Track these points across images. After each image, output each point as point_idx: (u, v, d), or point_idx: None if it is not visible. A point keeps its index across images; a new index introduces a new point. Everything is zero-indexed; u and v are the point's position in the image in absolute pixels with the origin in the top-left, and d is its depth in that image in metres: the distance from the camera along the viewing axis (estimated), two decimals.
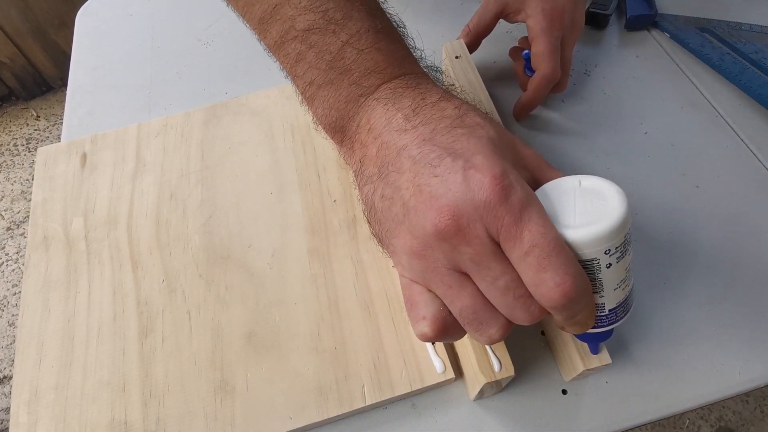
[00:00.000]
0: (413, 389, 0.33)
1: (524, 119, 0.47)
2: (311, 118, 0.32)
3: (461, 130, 0.25)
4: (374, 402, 0.33)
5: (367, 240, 0.40)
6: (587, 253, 0.23)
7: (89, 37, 0.58)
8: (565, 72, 0.44)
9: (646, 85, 0.49)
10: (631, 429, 0.34)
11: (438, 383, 0.34)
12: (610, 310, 0.26)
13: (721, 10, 0.55)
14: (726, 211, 0.41)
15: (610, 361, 0.31)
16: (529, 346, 0.36)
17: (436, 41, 0.53)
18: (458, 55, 0.44)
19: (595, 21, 0.54)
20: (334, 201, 0.42)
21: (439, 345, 0.34)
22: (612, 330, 0.28)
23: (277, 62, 0.32)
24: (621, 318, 0.27)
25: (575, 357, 0.32)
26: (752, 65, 0.48)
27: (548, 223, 0.23)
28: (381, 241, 0.28)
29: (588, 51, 0.53)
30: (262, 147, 0.45)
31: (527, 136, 0.46)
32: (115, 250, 0.41)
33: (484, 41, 0.49)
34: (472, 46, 0.48)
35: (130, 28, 0.58)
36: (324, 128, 0.32)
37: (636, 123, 0.47)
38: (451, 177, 0.23)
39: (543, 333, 0.36)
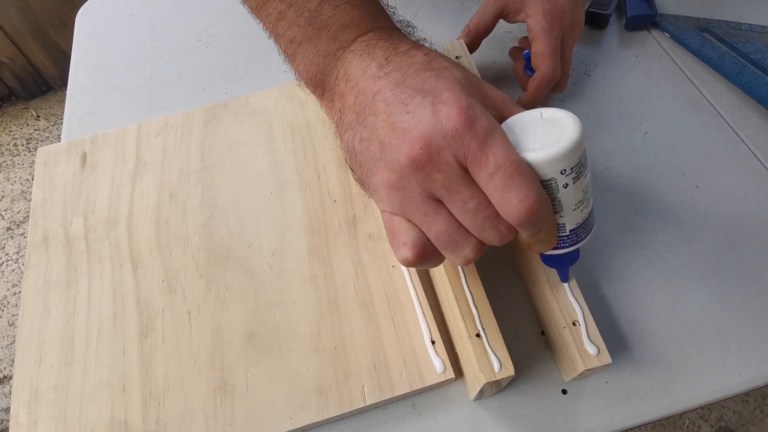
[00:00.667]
0: (413, 389, 0.33)
1: None
2: (294, 75, 0.34)
3: (430, 73, 0.27)
4: (374, 402, 0.33)
5: (367, 240, 0.40)
6: (545, 173, 0.26)
7: (89, 37, 0.58)
8: (565, 72, 0.44)
9: (646, 85, 0.49)
10: (631, 429, 0.34)
11: (438, 383, 0.34)
12: (570, 231, 0.28)
13: (721, 10, 0.55)
14: (726, 211, 0.41)
15: (610, 361, 0.31)
16: (529, 346, 0.36)
17: (435, 41, 0.53)
18: (458, 55, 0.44)
19: (595, 21, 0.54)
20: (334, 201, 0.42)
21: (439, 345, 0.34)
22: (578, 254, 0.31)
23: (260, 23, 0.34)
24: (582, 239, 0.29)
25: (575, 357, 0.32)
26: (752, 65, 0.48)
27: (510, 147, 0.25)
28: (363, 183, 0.30)
29: (588, 51, 0.53)
30: (262, 147, 0.45)
31: None
32: (115, 250, 0.41)
33: (484, 41, 0.49)
34: (472, 46, 0.48)
35: (130, 28, 0.58)
36: (306, 83, 0.34)
37: (636, 123, 0.47)
38: (421, 112, 0.26)
39: (543, 333, 0.36)
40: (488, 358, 0.31)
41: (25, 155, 1.51)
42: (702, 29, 0.53)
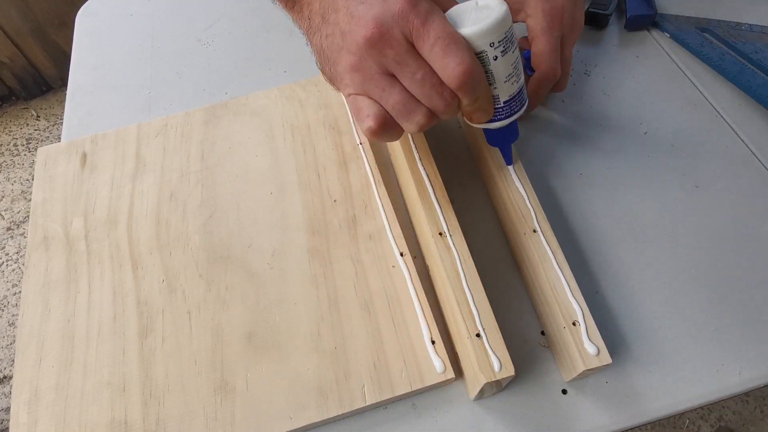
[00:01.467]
0: (413, 389, 0.33)
1: (524, 119, 0.47)
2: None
3: None
4: (374, 402, 0.33)
5: (367, 240, 0.40)
6: (477, 46, 0.30)
7: (89, 37, 0.58)
8: (565, 72, 0.44)
9: (646, 85, 0.49)
10: (631, 429, 0.34)
11: (438, 383, 0.34)
12: (504, 102, 0.34)
13: (721, 10, 0.55)
14: (726, 211, 0.41)
15: (610, 361, 0.31)
16: (529, 346, 0.36)
17: None
18: None
19: (595, 21, 0.54)
20: (334, 201, 0.42)
21: (439, 345, 0.34)
22: (517, 131, 0.37)
23: None
24: (516, 111, 0.35)
25: (575, 357, 0.32)
26: (752, 65, 0.48)
27: (447, 23, 0.30)
28: (331, 77, 0.35)
29: (588, 51, 0.53)
30: (262, 147, 0.45)
31: (528, 136, 0.46)
32: (115, 250, 0.41)
33: None
34: None
35: (130, 28, 0.58)
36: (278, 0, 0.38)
37: (636, 123, 0.47)
38: (373, 1, 0.30)
39: (543, 333, 0.36)
40: (488, 358, 0.31)
41: (25, 155, 1.51)
42: (702, 29, 0.53)
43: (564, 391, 0.34)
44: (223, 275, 0.39)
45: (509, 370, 0.30)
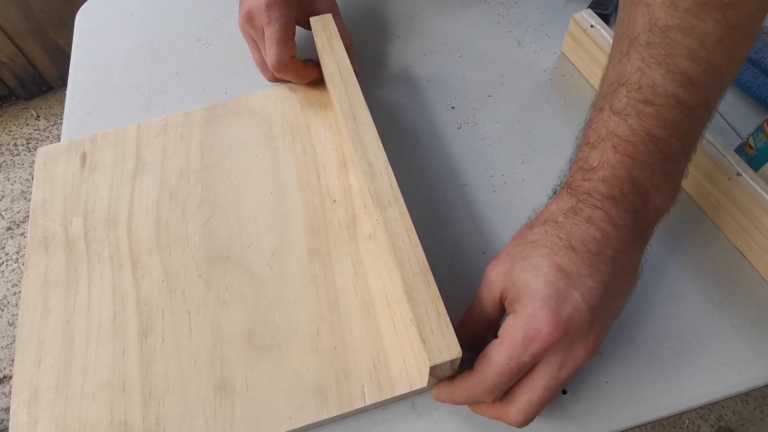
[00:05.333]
0: (413, 389, 0.33)
1: None
2: None
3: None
4: (374, 402, 0.33)
5: (367, 240, 0.40)
6: None
7: (89, 37, 0.58)
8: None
9: None
10: (631, 429, 0.34)
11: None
12: None
13: None
14: None
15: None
16: None
17: (435, 41, 0.53)
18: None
19: None
20: (334, 201, 0.42)
21: None
22: None
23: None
24: None
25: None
26: (752, 65, 0.48)
27: (282, 26, 0.44)
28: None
29: None
30: (262, 147, 0.45)
31: (527, 137, 0.46)
32: (115, 250, 0.41)
33: (484, 43, 0.48)
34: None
35: (130, 28, 0.58)
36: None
37: None
38: None
39: None
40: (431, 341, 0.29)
41: (25, 155, 1.51)
42: None
43: (564, 391, 0.34)
44: (223, 275, 0.39)
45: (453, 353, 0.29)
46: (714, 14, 0.28)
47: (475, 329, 0.32)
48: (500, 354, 0.28)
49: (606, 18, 0.54)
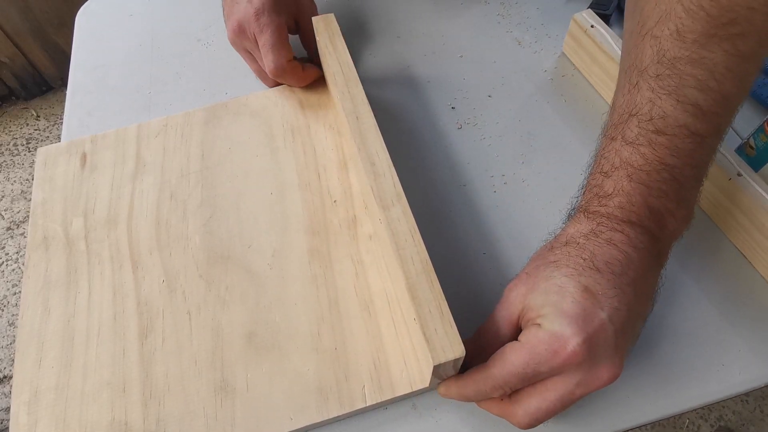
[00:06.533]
0: (414, 389, 0.33)
1: None
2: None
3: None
4: (375, 402, 0.33)
5: (367, 240, 0.40)
6: None
7: (89, 37, 0.58)
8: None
9: None
10: (631, 429, 0.34)
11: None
12: None
13: None
14: None
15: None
16: None
17: (435, 42, 0.53)
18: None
19: None
20: (334, 201, 0.42)
21: None
22: None
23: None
24: None
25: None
26: None
27: (275, 33, 0.45)
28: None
29: None
30: (262, 147, 0.45)
31: (527, 138, 0.46)
32: (115, 251, 0.41)
33: (484, 44, 0.48)
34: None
35: (130, 28, 0.58)
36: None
37: None
38: (240, 7, 0.46)
39: None
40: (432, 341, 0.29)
41: (25, 155, 1.51)
42: None
43: None
44: (223, 275, 0.39)
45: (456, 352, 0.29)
46: (723, 45, 0.28)
47: (487, 347, 0.31)
48: (518, 357, 0.28)
49: (606, 18, 0.54)
